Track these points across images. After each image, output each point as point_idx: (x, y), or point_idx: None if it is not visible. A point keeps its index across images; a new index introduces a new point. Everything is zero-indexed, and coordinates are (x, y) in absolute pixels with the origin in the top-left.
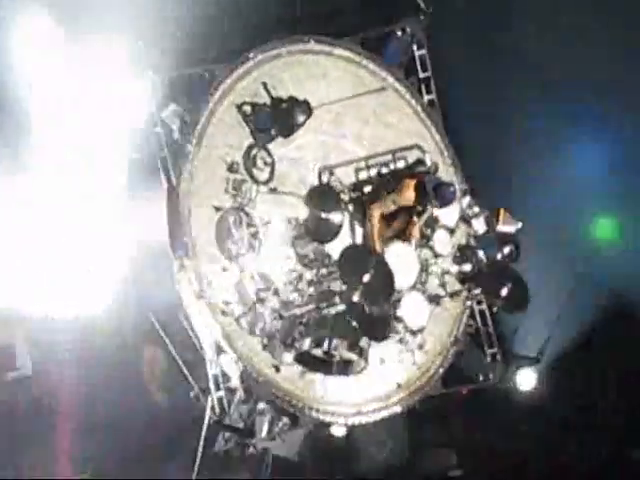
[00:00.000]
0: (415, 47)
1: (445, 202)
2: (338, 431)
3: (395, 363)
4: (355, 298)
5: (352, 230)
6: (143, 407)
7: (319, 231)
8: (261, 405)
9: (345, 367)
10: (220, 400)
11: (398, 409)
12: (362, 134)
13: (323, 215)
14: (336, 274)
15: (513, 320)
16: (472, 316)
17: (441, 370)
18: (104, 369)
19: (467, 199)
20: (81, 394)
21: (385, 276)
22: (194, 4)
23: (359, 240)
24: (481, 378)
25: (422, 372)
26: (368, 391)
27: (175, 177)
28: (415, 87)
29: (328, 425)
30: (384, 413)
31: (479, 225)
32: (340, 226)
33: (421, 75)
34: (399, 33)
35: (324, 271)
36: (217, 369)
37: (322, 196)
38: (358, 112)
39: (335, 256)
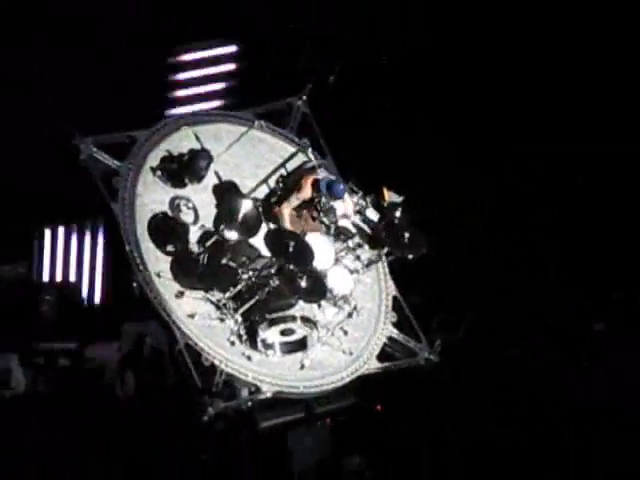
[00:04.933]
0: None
1: (337, 197)
2: None
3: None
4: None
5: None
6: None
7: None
8: None
9: (302, 342)
10: None
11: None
12: (258, 173)
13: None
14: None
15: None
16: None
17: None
18: None
19: (355, 196)
20: None
21: (305, 244)
22: None
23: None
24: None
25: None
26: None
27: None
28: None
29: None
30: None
31: (372, 214)
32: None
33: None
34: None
35: (257, 265)
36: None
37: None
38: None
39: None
